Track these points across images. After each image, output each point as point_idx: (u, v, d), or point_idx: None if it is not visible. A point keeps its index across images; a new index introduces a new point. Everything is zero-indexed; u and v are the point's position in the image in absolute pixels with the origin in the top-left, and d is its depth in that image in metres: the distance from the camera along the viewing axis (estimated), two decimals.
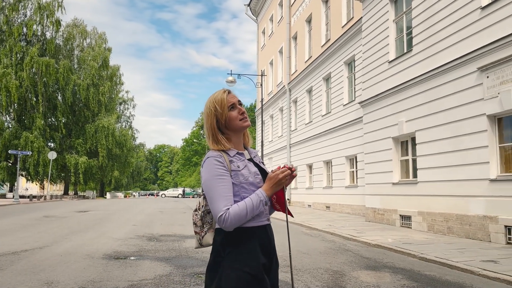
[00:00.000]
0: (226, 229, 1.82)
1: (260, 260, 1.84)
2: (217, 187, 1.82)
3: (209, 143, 1.99)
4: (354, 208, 17.29)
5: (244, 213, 1.80)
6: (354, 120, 17.11)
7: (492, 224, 8.81)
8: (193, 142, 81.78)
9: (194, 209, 2.03)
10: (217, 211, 1.79)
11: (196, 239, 2.02)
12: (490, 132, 9.03)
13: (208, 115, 1.98)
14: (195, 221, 2.00)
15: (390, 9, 13.27)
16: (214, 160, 1.87)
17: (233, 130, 1.99)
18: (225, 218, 1.77)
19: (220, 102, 1.96)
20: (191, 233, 11.10)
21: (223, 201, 1.80)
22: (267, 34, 33.51)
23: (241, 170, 1.89)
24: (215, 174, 1.84)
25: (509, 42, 8.38)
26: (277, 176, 1.87)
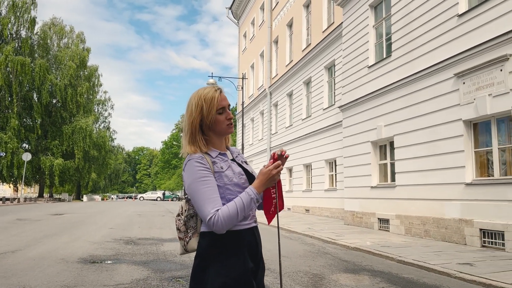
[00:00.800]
0: (218, 232, 1.72)
1: (248, 265, 1.77)
2: (202, 190, 1.72)
3: (184, 142, 1.87)
4: (333, 212, 17.40)
5: (235, 213, 1.71)
6: (333, 124, 17.25)
7: (467, 227, 8.98)
8: (172, 144, 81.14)
9: (177, 214, 1.94)
10: (206, 214, 1.69)
11: (180, 245, 1.91)
12: (466, 137, 9.22)
13: (192, 111, 1.83)
14: (179, 226, 1.90)
15: (370, 14, 13.45)
16: (196, 162, 1.77)
17: (217, 133, 1.88)
18: (215, 221, 1.68)
19: (210, 101, 1.82)
20: (169, 236, 10.95)
21: (210, 203, 1.71)
22: (248, 38, 33.55)
23: (224, 171, 1.80)
24: (198, 177, 1.74)
25: (485, 49, 8.58)
26: (270, 172, 1.77)
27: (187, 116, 1.86)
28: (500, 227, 8.16)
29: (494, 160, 8.64)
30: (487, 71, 8.56)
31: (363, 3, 13.75)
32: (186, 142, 1.85)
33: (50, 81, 42.05)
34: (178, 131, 79.07)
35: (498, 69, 8.29)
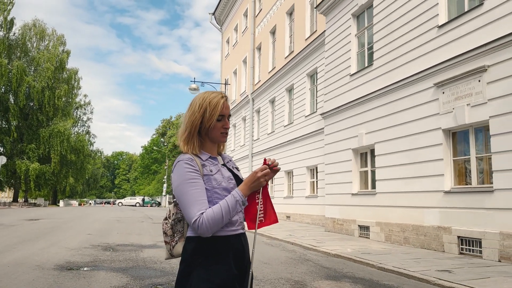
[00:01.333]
0: (202, 235, 1.71)
1: (232, 271, 1.74)
2: (189, 192, 1.71)
3: (179, 139, 1.88)
4: (313, 218, 17.45)
5: (219, 216, 1.69)
6: (315, 131, 17.36)
7: (446, 235, 9.12)
8: (152, 149, 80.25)
9: (164, 218, 1.92)
10: (191, 216, 1.68)
11: (166, 249, 1.90)
12: (445, 146, 9.39)
13: (195, 111, 1.84)
14: (165, 230, 1.88)
15: (353, 23, 13.63)
16: (185, 163, 1.76)
17: (210, 139, 1.89)
18: (200, 224, 1.67)
19: (214, 106, 1.84)
20: (149, 242, 10.78)
21: (197, 205, 1.69)
22: (231, 44, 33.59)
23: (214, 175, 1.79)
24: (186, 178, 1.73)
25: (464, 60, 8.78)
26: (255, 174, 1.76)
27: (188, 115, 1.86)
28: (478, 234, 8.31)
29: (472, 169, 8.82)
30: (465, 81, 8.76)
31: (346, 12, 13.93)
32: (182, 140, 1.85)
33: (28, 83, 41.13)
34: (158, 136, 78.30)
35: (477, 79, 8.49)
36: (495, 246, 7.87)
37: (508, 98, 7.77)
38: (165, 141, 74.63)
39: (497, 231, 7.85)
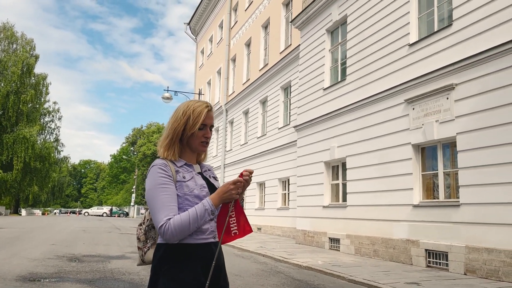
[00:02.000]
0: (168, 241, 1.70)
1: (199, 280, 1.72)
2: (159, 197, 1.71)
3: (160, 145, 1.87)
4: (284, 230, 17.46)
5: (186, 223, 1.68)
6: (288, 143, 17.47)
7: (414, 248, 9.29)
8: (122, 158, 78.67)
9: (139, 224, 1.91)
10: (158, 221, 1.68)
11: (138, 256, 1.89)
12: (414, 161, 9.63)
13: (178, 118, 1.85)
14: (139, 235, 1.87)
15: (327, 39, 13.90)
16: (158, 168, 1.77)
17: (190, 147, 1.90)
18: (165, 229, 1.66)
19: (197, 115, 1.84)
20: (117, 253, 10.48)
21: (165, 211, 1.69)
22: (206, 54, 33.58)
23: (186, 181, 1.79)
24: (158, 183, 1.73)
25: (433, 78, 9.08)
26: (228, 185, 1.76)
27: (171, 121, 1.87)
28: (444, 247, 8.52)
29: (439, 183, 9.07)
30: (435, 98, 9.05)
31: (320, 27, 14.20)
32: (163, 146, 1.85)
33: None
34: (128, 145, 76.86)
35: (445, 97, 8.78)
36: (461, 259, 8.08)
37: (475, 115, 8.07)
38: (135, 150, 73.32)
39: (463, 244, 8.07)
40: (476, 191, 7.95)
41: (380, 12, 11.09)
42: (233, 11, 28.03)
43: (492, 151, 7.68)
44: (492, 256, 7.48)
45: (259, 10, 22.89)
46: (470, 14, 8.34)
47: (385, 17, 10.87)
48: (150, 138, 57.85)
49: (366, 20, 11.67)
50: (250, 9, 24.48)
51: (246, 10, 25.14)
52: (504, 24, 7.59)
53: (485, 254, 7.62)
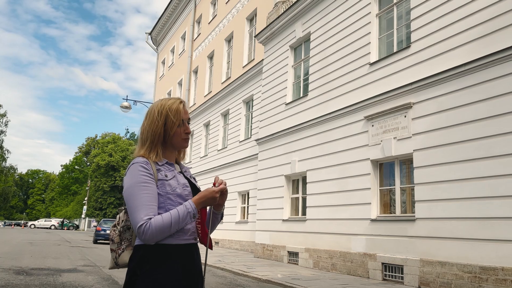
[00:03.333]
0: (146, 242, 1.62)
1: (180, 282, 1.67)
2: (139, 195, 1.64)
3: (140, 149, 1.79)
4: (243, 244, 17.33)
5: (167, 224, 1.62)
6: (248, 156, 17.49)
7: (371, 261, 9.49)
8: (74, 169, 75.65)
9: (113, 225, 1.81)
10: (137, 221, 1.61)
11: (111, 258, 1.79)
12: (372, 176, 9.89)
13: (155, 119, 1.79)
14: (113, 237, 1.77)
15: (290, 55, 14.16)
16: (140, 166, 1.70)
17: (172, 145, 1.84)
18: (145, 229, 1.59)
19: (175, 113, 1.81)
20: (68, 266, 9.97)
21: (145, 210, 1.62)
22: (167, 65, 33.25)
23: (168, 180, 1.74)
24: (138, 181, 1.67)
25: (392, 96, 9.44)
26: (212, 191, 1.73)
27: (147, 124, 1.81)
28: (400, 261, 8.75)
29: (396, 198, 9.35)
30: (393, 116, 9.39)
31: (284, 43, 14.45)
32: (143, 149, 1.78)
33: None
34: (82, 155, 74.12)
35: (403, 115, 9.14)
36: (416, 272, 8.32)
37: (430, 133, 8.44)
38: (88, 161, 70.77)
39: (418, 258, 8.32)
40: (431, 206, 8.27)
41: (342, 31, 11.45)
42: (196, 23, 28.03)
43: (446, 168, 8.03)
44: (445, 269, 7.76)
45: (223, 23, 23.03)
46: (427, 37, 8.78)
47: (347, 36, 11.24)
48: (105, 148, 56.06)
49: (329, 38, 12.00)
50: (213, 22, 24.58)
51: (209, 23, 25.21)
52: (459, 47, 8.04)
53: (438, 267, 7.89)
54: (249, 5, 19.98)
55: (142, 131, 1.84)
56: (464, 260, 7.45)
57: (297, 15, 13.72)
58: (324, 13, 12.37)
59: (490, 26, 7.53)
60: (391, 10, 10.24)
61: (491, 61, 7.44)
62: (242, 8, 20.82)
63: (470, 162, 7.63)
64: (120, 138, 60.46)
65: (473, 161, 7.58)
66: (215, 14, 24.66)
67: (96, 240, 22.42)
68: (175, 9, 31.03)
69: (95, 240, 22.51)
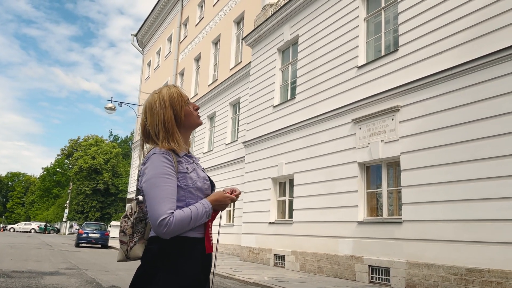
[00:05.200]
0: (165, 235, 1.57)
1: (199, 276, 1.66)
2: (163, 187, 1.59)
3: (158, 142, 1.72)
4: (228, 248, 17.22)
5: (188, 220, 1.59)
6: (235, 159, 17.42)
7: (358, 264, 9.50)
8: (56, 171, 74.29)
9: (124, 215, 1.76)
10: (160, 213, 1.55)
11: (121, 251, 1.71)
12: (359, 179, 9.93)
13: (161, 108, 1.73)
14: (124, 228, 1.71)
15: (278, 58, 14.17)
16: (162, 156, 1.64)
17: (188, 126, 1.81)
18: (169, 222, 1.55)
19: (177, 95, 1.77)
20: (50, 269, 9.74)
21: (168, 203, 1.57)
22: (153, 67, 33.00)
23: (190, 173, 1.70)
24: (162, 172, 1.61)
25: (379, 100, 9.51)
26: (227, 198, 1.74)
27: (150, 119, 1.75)
28: (387, 263, 8.78)
29: (383, 201, 9.40)
30: (380, 119, 9.45)
31: (272, 46, 14.47)
32: (164, 142, 1.71)
33: None
34: (64, 157, 72.84)
35: (390, 118, 9.21)
36: (402, 274, 8.36)
37: (417, 136, 8.51)
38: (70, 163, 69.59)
39: (405, 260, 8.36)
40: (417, 209, 8.32)
41: (330, 34, 11.51)
42: (183, 26, 27.91)
43: (433, 171, 8.10)
44: (431, 271, 7.80)
45: (210, 26, 22.97)
46: (414, 42, 8.88)
47: (335, 39, 11.30)
48: (88, 151, 55.21)
49: (317, 42, 12.05)
50: (200, 24, 24.50)
51: (196, 26, 25.13)
52: (445, 52, 8.15)
53: (424, 270, 7.94)
54: (237, 8, 19.98)
55: (146, 130, 1.77)
56: (450, 262, 7.52)
57: (285, 18, 13.75)
58: (312, 17, 12.43)
59: (476, 31, 7.66)
60: (379, 14, 10.34)
61: (476, 66, 7.55)
62: (229, 11, 20.81)
63: (456, 165, 7.72)
64: (103, 141, 59.65)
65: (459, 164, 7.66)
66: (202, 16, 24.59)
67: (78, 243, 21.99)
68: (161, 11, 30.85)
69: (77, 244, 22.08)
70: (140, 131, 1.85)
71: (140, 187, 1.67)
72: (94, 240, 21.99)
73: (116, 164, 55.39)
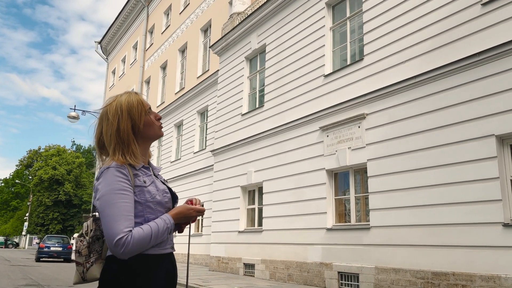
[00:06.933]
0: (122, 256, 1.47)
1: None
2: (118, 204, 1.49)
3: (112, 156, 1.60)
4: (196, 258, 16.97)
5: (148, 238, 1.50)
6: (203, 168, 17.25)
7: (327, 271, 9.55)
8: (15, 183, 71.21)
9: (79, 234, 1.64)
10: (116, 232, 1.45)
11: (77, 273, 1.60)
12: (328, 185, 10.03)
13: (116, 117, 1.61)
14: (80, 248, 1.60)
15: (246, 66, 14.20)
16: (117, 171, 1.54)
17: (148, 138, 1.69)
18: (126, 242, 1.45)
19: (137, 103, 1.65)
20: (8, 286, 9.24)
21: (124, 221, 1.47)
22: (118, 75, 32.36)
23: (147, 186, 1.60)
24: (116, 188, 1.51)
25: (346, 107, 9.67)
26: (190, 211, 1.64)
27: (108, 126, 1.63)
28: (355, 269, 8.87)
29: (351, 207, 9.52)
30: (347, 126, 9.61)
31: (239, 54, 14.48)
32: (117, 155, 1.59)
33: None
34: (23, 167, 69.97)
35: (357, 125, 9.37)
36: (371, 280, 8.46)
37: (383, 143, 8.70)
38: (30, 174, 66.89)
39: (373, 265, 8.48)
40: (384, 215, 8.48)
41: (297, 43, 11.65)
42: (149, 33, 27.57)
43: (399, 177, 8.29)
44: (399, 276, 7.94)
45: (177, 34, 22.79)
46: (379, 51, 9.10)
47: (302, 48, 11.44)
48: (49, 161, 53.27)
49: (284, 50, 12.16)
50: (166, 32, 24.28)
51: (162, 33, 24.88)
52: (409, 61, 8.39)
53: (392, 274, 8.07)
54: (204, 16, 19.93)
55: (100, 140, 1.67)
56: (417, 266, 7.67)
57: (252, 26, 13.82)
58: (280, 25, 12.54)
59: (439, 41, 7.93)
60: (344, 24, 10.56)
61: (439, 74, 7.81)
62: (196, 19, 20.72)
63: (420, 171, 7.92)
64: (65, 151, 57.76)
65: (423, 170, 7.87)
66: (168, 24, 24.37)
67: (39, 257, 21.08)
68: (126, 19, 30.37)
69: (37, 258, 21.15)
70: (95, 141, 1.71)
71: (94, 204, 1.58)
72: (56, 254, 21.16)
73: (79, 175, 53.73)
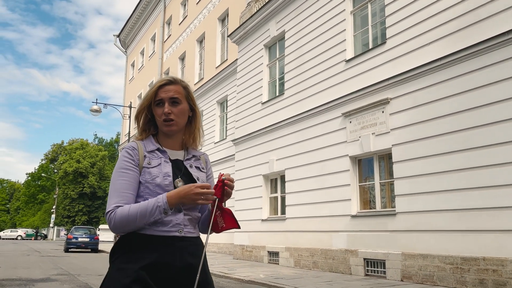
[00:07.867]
0: (112, 230, 1.60)
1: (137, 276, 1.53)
2: (116, 181, 1.61)
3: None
4: (220, 247, 17.14)
5: (133, 217, 1.54)
6: (224, 157, 17.32)
7: (352, 258, 9.51)
8: (41, 176, 73.09)
9: None
10: (107, 207, 1.58)
11: None
12: (351, 172, 9.93)
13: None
14: None
15: (265, 54, 14.10)
16: (125, 151, 1.68)
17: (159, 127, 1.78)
18: (110, 218, 1.56)
19: (150, 93, 1.76)
20: (40, 276, 9.54)
21: (115, 197, 1.58)
22: (137, 67, 32.62)
23: (149, 168, 1.65)
24: (119, 167, 1.64)
25: (369, 92, 9.51)
26: (191, 189, 1.58)
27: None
28: (382, 256, 8.80)
29: (376, 194, 9.41)
30: (371, 112, 9.46)
31: (258, 42, 14.38)
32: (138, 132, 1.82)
33: None
34: (48, 162, 71.69)
35: (380, 110, 9.22)
36: (398, 266, 8.39)
37: (408, 128, 8.53)
38: (55, 168, 68.49)
39: (399, 252, 8.39)
40: (410, 200, 8.35)
41: (317, 29, 11.48)
42: (167, 25, 27.63)
43: (425, 162, 8.13)
44: (426, 262, 7.84)
45: (194, 24, 22.77)
46: (402, 33, 8.89)
47: (322, 34, 11.27)
48: (73, 154, 54.33)
49: (304, 37, 12.01)
50: (184, 23, 24.28)
51: (180, 24, 24.89)
52: (433, 42, 8.17)
53: (420, 260, 7.97)
54: (221, 5, 19.83)
55: None
56: (445, 252, 7.55)
57: (270, 14, 13.68)
58: (298, 12, 12.37)
59: (463, 21, 7.69)
60: (365, 7, 10.34)
61: (464, 56, 7.58)
62: (213, 8, 20.65)
63: (447, 155, 7.75)
64: (88, 144, 58.84)
65: (450, 153, 7.70)
66: (185, 15, 24.36)
67: (68, 248, 21.62)
68: (144, 11, 30.50)
69: (66, 249, 21.71)
70: None
71: None
72: (84, 245, 21.66)
73: (102, 167, 54.69)
